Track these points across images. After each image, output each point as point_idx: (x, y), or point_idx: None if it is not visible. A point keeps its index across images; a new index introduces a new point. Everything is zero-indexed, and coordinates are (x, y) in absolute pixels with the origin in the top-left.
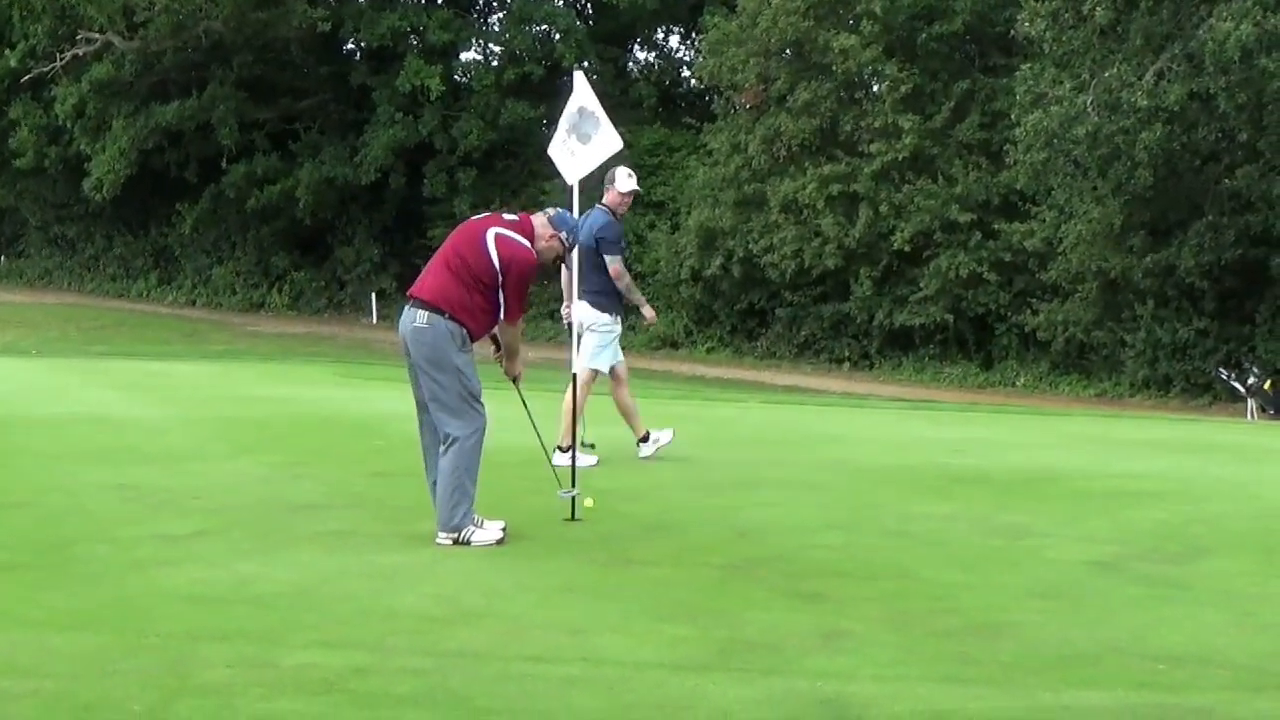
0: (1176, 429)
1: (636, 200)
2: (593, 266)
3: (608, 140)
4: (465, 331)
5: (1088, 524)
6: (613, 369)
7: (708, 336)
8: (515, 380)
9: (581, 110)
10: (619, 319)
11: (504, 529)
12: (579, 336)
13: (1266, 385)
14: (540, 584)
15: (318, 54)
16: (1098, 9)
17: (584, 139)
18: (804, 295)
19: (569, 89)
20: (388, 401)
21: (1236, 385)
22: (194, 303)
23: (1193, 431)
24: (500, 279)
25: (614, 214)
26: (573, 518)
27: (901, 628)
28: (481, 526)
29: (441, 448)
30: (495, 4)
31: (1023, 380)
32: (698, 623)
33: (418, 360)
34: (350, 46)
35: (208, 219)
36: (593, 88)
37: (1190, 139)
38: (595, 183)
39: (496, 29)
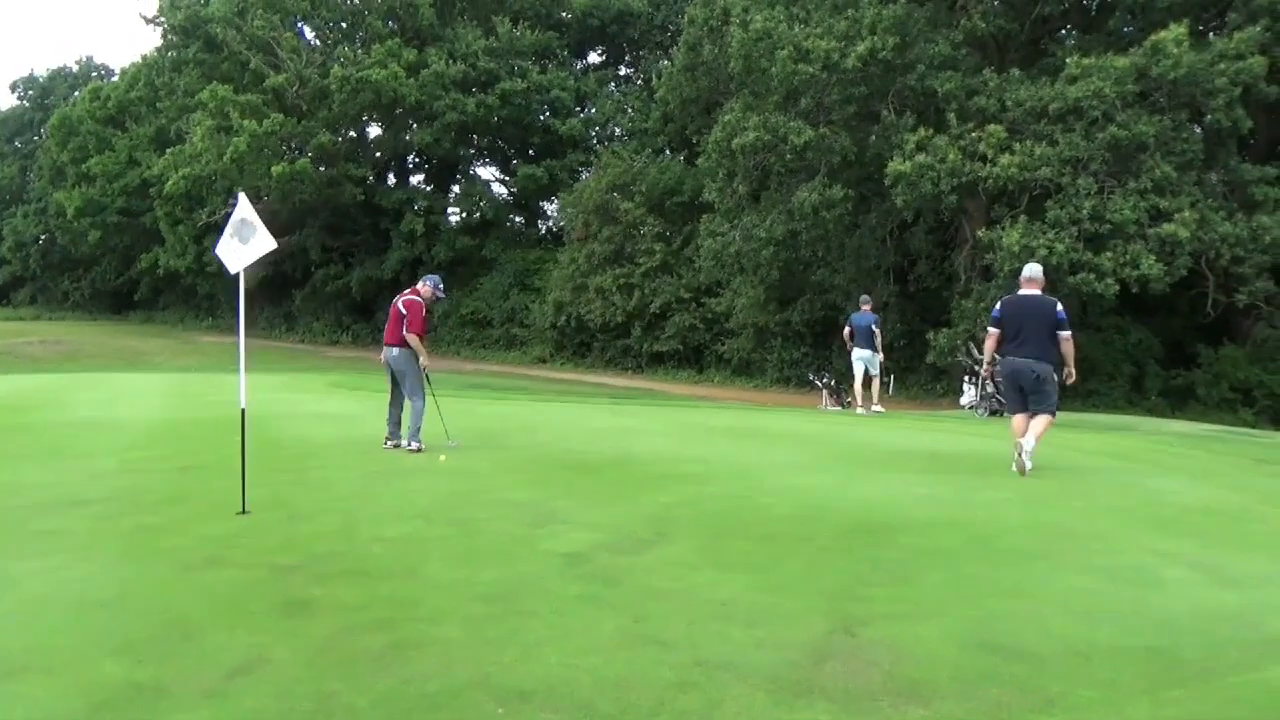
0: (762, 418)
1: (524, 282)
2: (865, 335)
3: (264, 242)
4: (411, 350)
5: (608, 510)
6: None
7: (561, 357)
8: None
9: (243, 220)
10: (876, 354)
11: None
12: (859, 361)
13: (832, 383)
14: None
15: (363, 209)
16: (740, 187)
17: (244, 240)
18: (607, 336)
19: (494, 234)
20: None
21: (819, 383)
22: (303, 341)
23: (770, 421)
24: (405, 316)
25: (877, 314)
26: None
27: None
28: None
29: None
30: (458, 184)
31: (716, 379)
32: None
33: (396, 368)
34: (380, 205)
35: (308, 297)
36: (512, 232)
37: (795, 256)
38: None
39: (454, 200)
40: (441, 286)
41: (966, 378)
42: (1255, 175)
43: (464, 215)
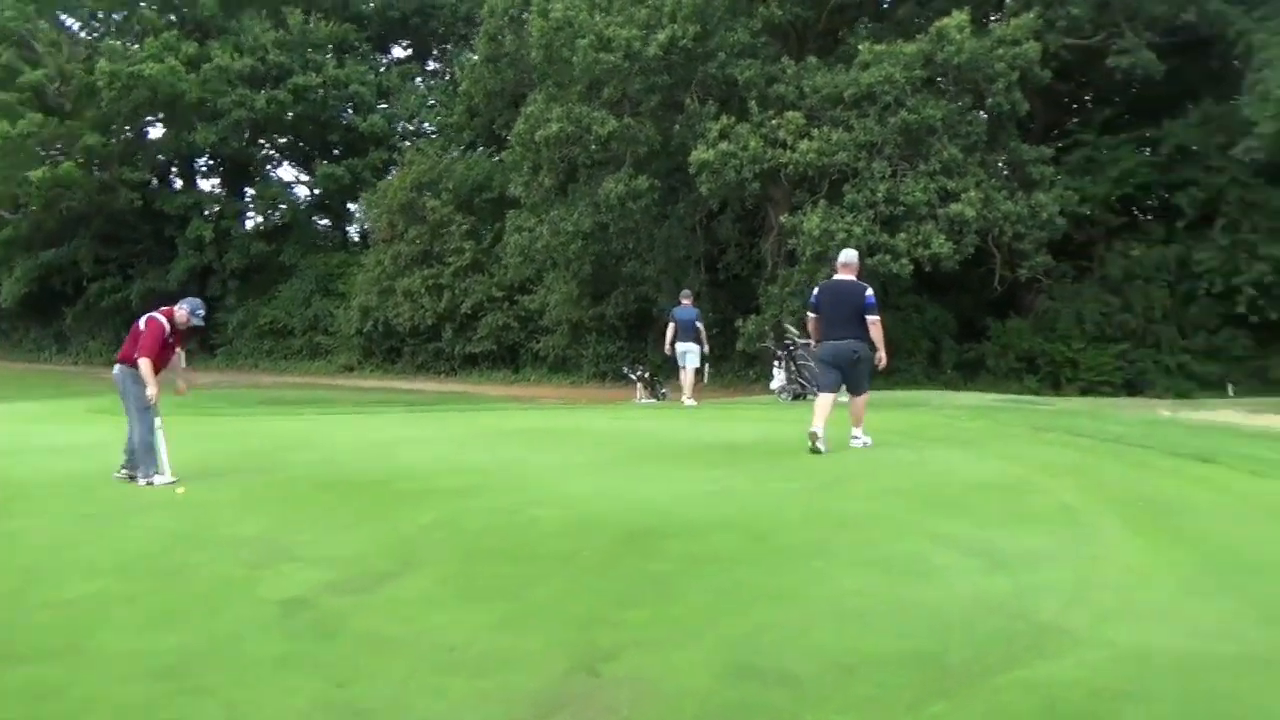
0: (565, 417)
1: (328, 288)
2: (688, 329)
3: None
4: (136, 370)
5: (352, 537)
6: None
7: (369, 364)
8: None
9: None
10: (701, 348)
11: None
12: (684, 355)
13: (647, 375)
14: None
15: (142, 216)
16: (546, 180)
17: None
18: (417, 340)
19: (294, 239)
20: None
21: (633, 376)
22: (77, 363)
23: (574, 419)
24: (140, 335)
25: (696, 307)
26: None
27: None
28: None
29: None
30: (254, 186)
31: (533, 378)
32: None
33: (119, 387)
34: (162, 211)
35: (81, 315)
36: (315, 235)
37: (606, 249)
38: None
39: (249, 203)
40: (200, 313)
41: (775, 362)
42: (1033, 155)
43: (261, 219)
